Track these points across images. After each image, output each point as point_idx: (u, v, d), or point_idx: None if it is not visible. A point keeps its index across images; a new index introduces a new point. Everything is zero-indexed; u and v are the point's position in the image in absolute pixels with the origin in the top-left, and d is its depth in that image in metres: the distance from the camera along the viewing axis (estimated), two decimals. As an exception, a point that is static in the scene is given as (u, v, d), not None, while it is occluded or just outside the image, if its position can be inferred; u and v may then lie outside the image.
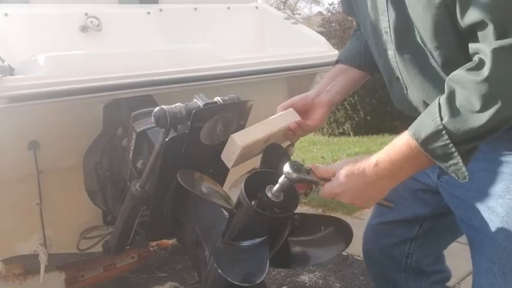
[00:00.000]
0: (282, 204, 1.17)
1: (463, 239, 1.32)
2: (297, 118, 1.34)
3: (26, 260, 2.20)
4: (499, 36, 0.91)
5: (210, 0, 2.46)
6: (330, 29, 14.59)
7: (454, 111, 0.95)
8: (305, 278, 2.84)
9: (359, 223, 3.23)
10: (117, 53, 1.88)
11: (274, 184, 1.15)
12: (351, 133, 7.56)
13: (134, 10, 2.22)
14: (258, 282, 1.13)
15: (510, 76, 0.91)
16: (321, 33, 2.54)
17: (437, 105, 0.98)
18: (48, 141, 1.76)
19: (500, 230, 1.14)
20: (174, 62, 1.89)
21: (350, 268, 2.91)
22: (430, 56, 1.08)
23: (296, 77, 2.21)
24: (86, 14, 1.90)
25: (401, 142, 1.02)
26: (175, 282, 2.81)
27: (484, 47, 0.92)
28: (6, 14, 1.94)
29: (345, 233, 1.26)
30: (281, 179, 1.13)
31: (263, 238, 1.21)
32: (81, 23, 1.90)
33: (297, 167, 1.12)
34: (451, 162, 0.98)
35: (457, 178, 1.01)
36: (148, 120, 1.56)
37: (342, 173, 1.09)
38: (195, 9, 2.30)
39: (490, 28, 0.92)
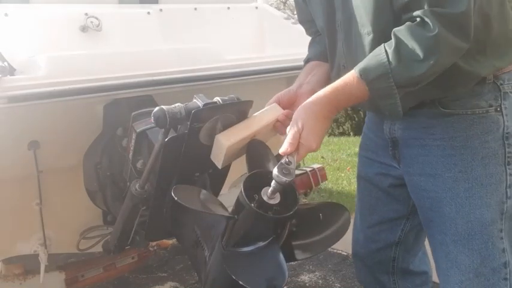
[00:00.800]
0: (282, 204, 1.17)
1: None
2: (280, 111, 1.36)
3: (26, 260, 2.20)
4: (433, 6, 1.06)
5: (210, 0, 2.46)
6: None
7: (400, 58, 1.09)
8: (305, 278, 2.84)
9: (359, 223, 3.23)
10: (117, 53, 1.88)
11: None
12: (351, 133, 7.57)
13: (134, 10, 2.22)
14: (283, 285, 1.13)
15: (449, 37, 1.07)
16: (320, 33, 2.54)
17: (383, 51, 1.11)
18: (48, 141, 1.76)
19: (445, 204, 1.29)
20: (174, 62, 1.89)
21: (350, 268, 2.91)
22: (368, 41, 1.20)
23: (296, 77, 2.21)
24: (86, 14, 1.90)
25: (347, 78, 1.16)
26: (175, 282, 2.81)
27: (423, 12, 1.07)
28: (6, 14, 1.94)
29: (341, 215, 1.27)
30: (273, 182, 1.13)
31: (269, 240, 1.21)
32: (81, 23, 1.90)
33: (286, 170, 1.12)
34: (391, 101, 1.13)
35: (391, 116, 1.18)
36: (148, 120, 1.56)
37: (296, 112, 1.20)
38: (195, 9, 2.31)
39: (425, 2, 1.07)
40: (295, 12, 1.79)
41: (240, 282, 1.11)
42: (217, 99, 1.42)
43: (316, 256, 2.95)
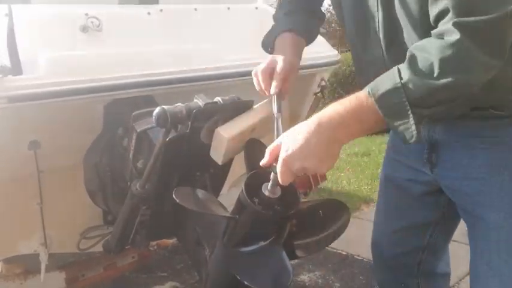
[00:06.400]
0: (283, 203, 1.17)
1: (463, 238, 1.33)
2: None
3: (27, 260, 2.20)
4: (460, 15, 0.94)
5: (210, 0, 2.46)
6: (329, 29, 14.59)
7: (414, 72, 0.97)
8: (305, 277, 2.84)
9: (358, 223, 3.24)
10: (118, 53, 1.88)
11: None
12: (351, 133, 7.55)
13: (134, 10, 2.22)
14: (288, 283, 1.13)
15: (473, 50, 0.93)
16: (320, 33, 2.54)
17: (396, 69, 1.00)
18: (49, 141, 1.77)
19: (491, 211, 1.21)
20: (174, 62, 1.89)
21: (350, 268, 2.92)
22: None
23: (296, 77, 2.20)
24: (87, 14, 1.90)
25: (352, 98, 1.03)
26: (176, 282, 2.81)
27: (447, 23, 0.95)
28: (7, 15, 1.94)
29: (341, 212, 1.26)
30: (272, 175, 1.13)
31: (270, 239, 1.21)
32: (81, 23, 1.90)
33: None
34: (402, 121, 0.99)
35: (403, 139, 1.02)
36: (149, 120, 1.56)
37: (284, 134, 1.05)
38: (195, 9, 2.30)
39: (451, 12, 0.95)
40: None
41: (245, 283, 1.11)
42: (218, 99, 1.42)
43: (316, 256, 2.96)
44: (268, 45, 1.48)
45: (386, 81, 1.00)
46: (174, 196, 1.18)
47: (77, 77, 1.65)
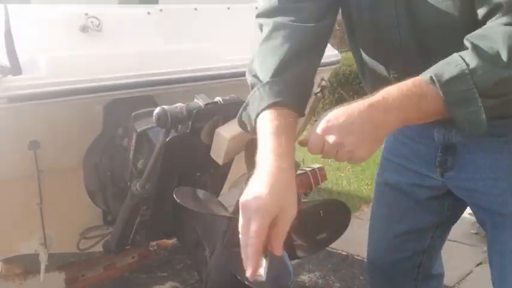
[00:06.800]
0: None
1: (463, 238, 1.33)
2: None
3: (27, 260, 2.20)
4: None
5: (210, 0, 2.46)
6: (329, 28, 14.58)
7: (480, 60, 0.91)
8: (305, 277, 2.84)
9: (359, 223, 3.23)
10: (117, 53, 1.88)
11: None
12: (351, 133, 7.55)
13: (134, 10, 2.22)
14: (289, 284, 1.13)
15: None
16: (320, 33, 2.53)
17: (457, 56, 0.94)
18: (49, 141, 1.77)
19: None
20: (174, 62, 1.89)
21: (350, 268, 2.91)
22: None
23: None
24: (86, 14, 1.90)
25: (408, 84, 0.94)
26: (176, 282, 2.81)
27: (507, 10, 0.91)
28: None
29: (342, 212, 1.26)
30: None
31: None
32: (81, 23, 1.90)
33: None
34: (471, 109, 0.92)
35: (470, 128, 0.96)
36: (149, 120, 1.56)
37: (327, 115, 0.94)
38: (195, 9, 2.31)
39: (506, 6, 0.91)
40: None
41: (245, 283, 1.11)
42: (218, 99, 1.42)
43: (316, 256, 2.95)
44: (249, 123, 1.08)
45: (448, 68, 0.93)
46: (174, 196, 1.18)
47: (76, 77, 1.65)
